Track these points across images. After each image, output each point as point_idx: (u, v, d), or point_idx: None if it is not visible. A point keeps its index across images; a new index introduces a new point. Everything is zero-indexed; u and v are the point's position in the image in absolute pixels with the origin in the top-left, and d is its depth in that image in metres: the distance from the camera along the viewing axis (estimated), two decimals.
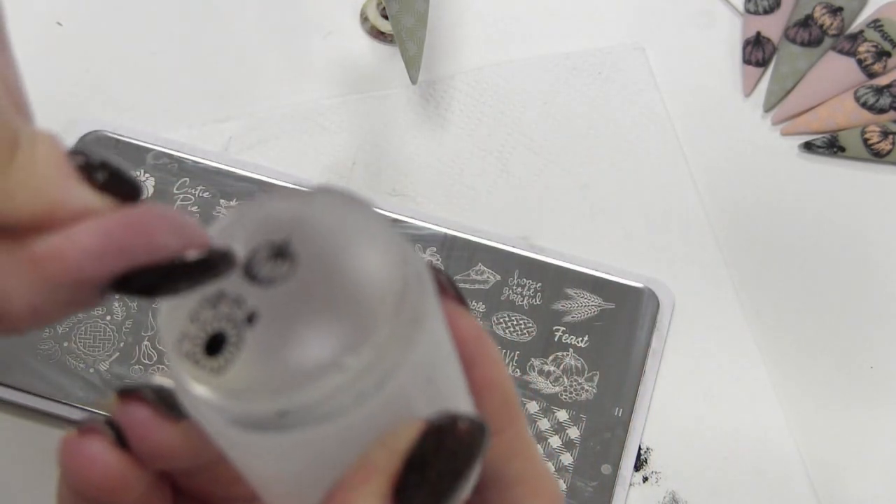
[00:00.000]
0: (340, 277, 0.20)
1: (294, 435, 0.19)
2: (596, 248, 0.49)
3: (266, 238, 0.20)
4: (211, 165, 0.48)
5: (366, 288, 0.19)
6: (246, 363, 0.19)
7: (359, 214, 0.20)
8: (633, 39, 0.54)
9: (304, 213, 0.21)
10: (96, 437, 0.23)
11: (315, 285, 0.20)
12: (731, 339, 0.47)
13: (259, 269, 0.20)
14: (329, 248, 0.20)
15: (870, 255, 0.50)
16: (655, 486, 0.45)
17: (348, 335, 0.19)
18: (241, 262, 0.20)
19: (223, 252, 0.20)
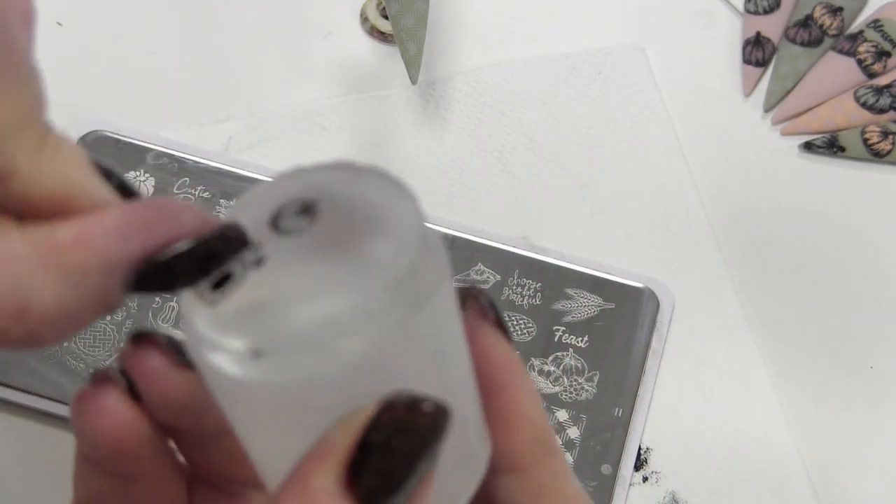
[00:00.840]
0: (353, 238, 0.20)
1: (265, 379, 0.19)
2: (596, 248, 0.49)
3: (299, 196, 0.21)
4: (211, 165, 0.48)
5: (369, 259, 0.20)
6: (239, 299, 0.20)
7: (394, 196, 0.21)
8: (633, 39, 0.54)
9: (348, 182, 0.21)
10: (110, 388, 0.23)
11: (325, 241, 0.20)
12: (731, 339, 0.47)
13: (284, 221, 0.21)
14: (352, 212, 0.20)
15: (870, 255, 0.50)
16: (655, 486, 0.45)
17: (341, 293, 0.19)
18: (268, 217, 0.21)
19: (237, 229, 0.20)
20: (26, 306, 0.19)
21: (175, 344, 0.23)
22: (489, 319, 0.22)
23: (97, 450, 0.23)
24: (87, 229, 0.19)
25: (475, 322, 0.22)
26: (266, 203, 0.21)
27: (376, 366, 0.19)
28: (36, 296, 0.19)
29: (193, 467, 0.26)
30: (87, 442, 0.23)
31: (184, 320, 0.20)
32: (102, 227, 0.19)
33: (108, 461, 0.24)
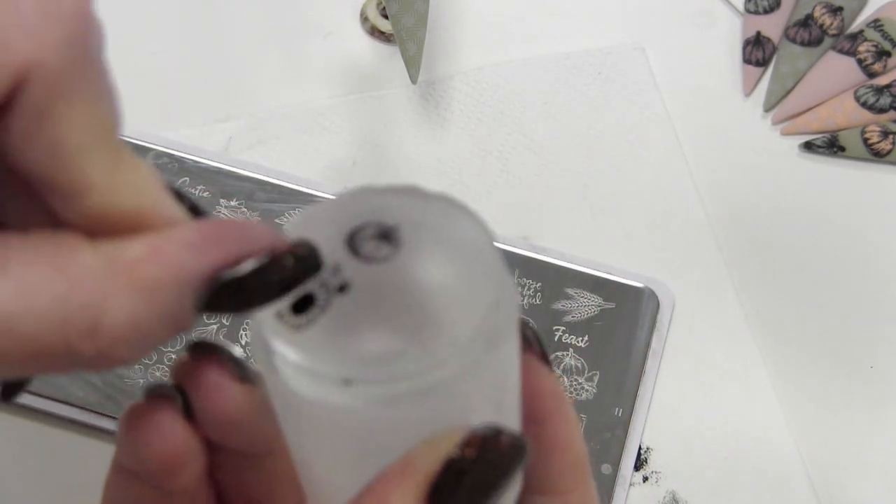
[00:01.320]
0: (438, 275, 0.20)
1: (352, 406, 0.19)
2: (596, 248, 0.49)
3: (377, 219, 0.21)
4: (211, 165, 0.48)
5: (459, 293, 0.20)
6: (326, 327, 0.20)
7: (473, 228, 0.21)
8: (633, 39, 0.54)
9: (421, 208, 0.21)
10: (166, 406, 0.23)
11: (411, 275, 0.20)
12: (731, 339, 0.47)
13: (362, 244, 0.20)
14: (435, 245, 0.21)
15: (870, 254, 0.50)
16: (655, 485, 0.45)
17: (426, 330, 0.19)
18: (345, 235, 0.21)
19: (311, 248, 0.20)
20: (98, 323, 0.18)
21: (235, 358, 0.23)
22: (534, 351, 0.23)
23: (144, 465, 0.23)
24: (159, 244, 0.19)
25: (530, 361, 0.23)
26: (337, 223, 0.21)
27: (457, 397, 0.20)
28: (108, 312, 0.18)
29: (222, 488, 0.26)
30: (135, 457, 0.23)
31: (259, 341, 0.20)
32: (175, 241, 0.19)
33: (153, 476, 0.23)
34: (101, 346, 0.19)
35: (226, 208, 0.48)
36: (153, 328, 0.19)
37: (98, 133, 0.19)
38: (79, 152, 0.18)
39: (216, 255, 0.19)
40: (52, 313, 0.18)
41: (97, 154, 0.19)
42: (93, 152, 0.19)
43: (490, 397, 0.21)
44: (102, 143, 0.19)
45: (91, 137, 0.19)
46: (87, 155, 0.18)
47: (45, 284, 0.18)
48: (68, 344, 0.18)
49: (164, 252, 0.19)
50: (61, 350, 0.18)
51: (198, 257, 0.19)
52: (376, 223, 0.21)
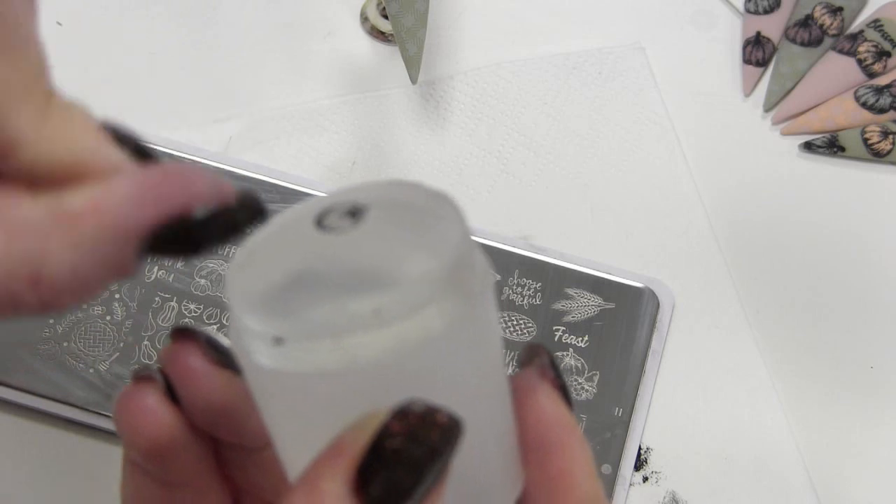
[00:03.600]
0: (392, 240, 0.20)
1: (282, 368, 0.19)
2: (596, 248, 0.49)
3: (349, 200, 0.21)
4: (211, 165, 0.48)
5: (408, 262, 0.20)
6: (275, 289, 0.20)
7: (443, 206, 0.21)
8: (633, 39, 0.54)
9: (395, 192, 0.21)
10: (149, 387, 0.23)
11: (366, 241, 0.20)
12: (731, 338, 0.47)
13: (328, 220, 0.21)
14: (397, 216, 0.21)
15: (870, 254, 0.50)
16: (655, 486, 0.45)
17: (367, 288, 0.19)
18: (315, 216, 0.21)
19: (254, 197, 0.20)
20: (39, 273, 0.18)
21: (215, 343, 0.23)
22: (549, 378, 0.22)
23: (136, 450, 0.23)
24: (98, 197, 0.19)
25: (534, 379, 0.22)
26: (317, 207, 0.21)
27: (395, 369, 0.19)
28: (49, 262, 0.18)
29: (238, 485, 0.26)
30: (127, 441, 0.23)
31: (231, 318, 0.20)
32: (114, 194, 0.19)
33: (148, 463, 0.23)
34: (43, 296, 0.19)
35: None
36: (95, 277, 0.19)
37: (18, 86, 0.18)
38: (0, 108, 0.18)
39: (156, 208, 0.19)
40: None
41: (20, 107, 0.18)
42: (14, 106, 0.18)
43: (442, 382, 0.20)
44: (25, 95, 0.18)
45: (10, 90, 0.18)
46: (8, 109, 0.18)
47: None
48: (11, 294, 0.18)
49: (104, 206, 0.19)
50: (5, 299, 0.18)
51: (139, 210, 0.19)
52: (349, 202, 0.21)
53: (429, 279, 0.19)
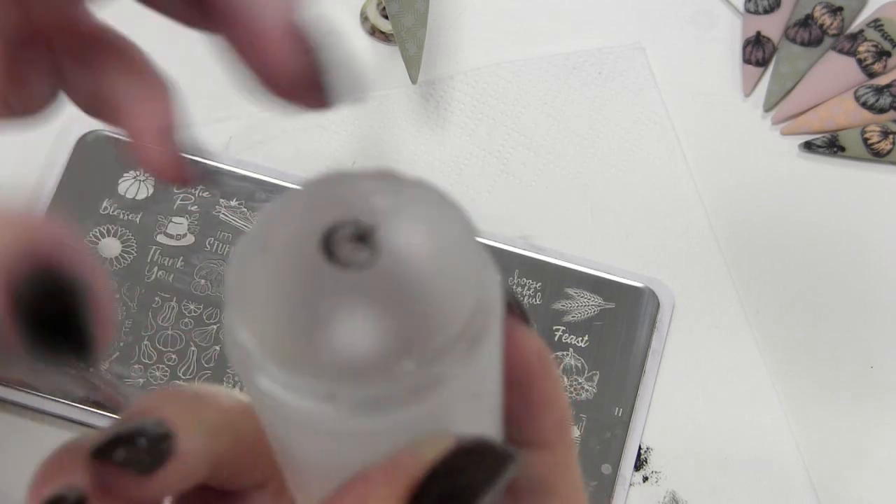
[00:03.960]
0: (418, 283, 0.19)
1: (336, 415, 0.19)
2: (596, 248, 0.49)
3: (353, 217, 0.20)
4: (211, 165, 0.48)
5: (439, 302, 0.19)
6: (305, 336, 0.19)
7: (452, 221, 0.20)
8: (633, 39, 0.54)
9: (397, 202, 0.20)
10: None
11: (390, 282, 0.19)
12: (731, 339, 0.47)
13: (339, 248, 0.19)
14: (414, 248, 0.20)
15: (870, 254, 0.50)
16: (655, 485, 0.45)
17: (407, 341, 0.19)
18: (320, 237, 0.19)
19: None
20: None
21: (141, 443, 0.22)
22: (515, 314, 0.23)
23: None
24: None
25: (513, 323, 0.23)
26: (310, 219, 0.20)
27: (434, 411, 0.19)
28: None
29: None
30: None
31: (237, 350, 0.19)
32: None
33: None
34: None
35: (226, 208, 0.48)
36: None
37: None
38: None
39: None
40: None
41: None
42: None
43: (474, 397, 0.20)
44: None
45: None
46: None
47: None
48: None
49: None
50: None
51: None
52: (353, 223, 0.19)
53: (459, 333, 0.19)
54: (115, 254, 0.47)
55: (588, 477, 0.44)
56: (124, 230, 0.47)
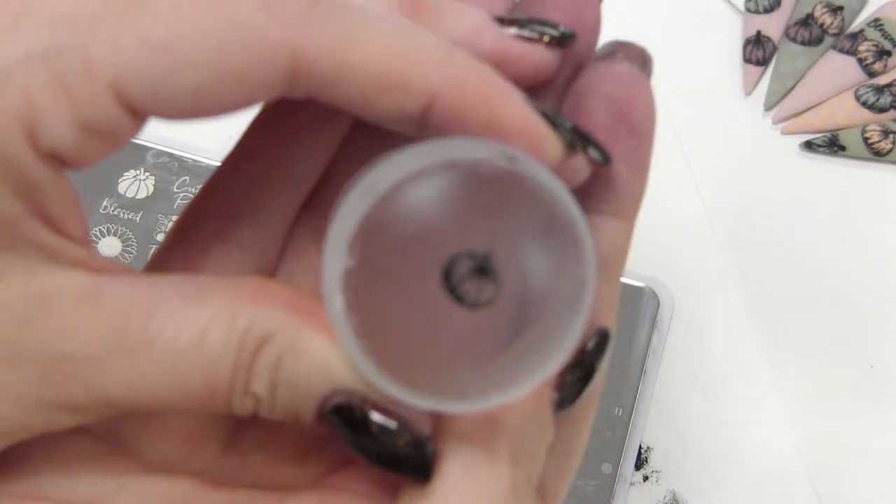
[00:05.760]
0: (538, 317, 0.19)
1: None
2: None
3: (464, 247, 0.19)
4: (211, 164, 0.48)
5: (557, 331, 0.20)
6: (418, 359, 0.19)
7: (561, 227, 0.19)
8: (633, 39, 0.54)
9: (503, 216, 0.19)
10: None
11: (512, 319, 0.19)
12: (731, 338, 0.47)
13: (462, 286, 0.19)
14: (531, 275, 0.19)
15: (870, 254, 0.50)
16: (656, 485, 0.45)
17: (534, 370, 0.19)
18: (440, 271, 0.19)
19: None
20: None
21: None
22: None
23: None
24: None
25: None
26: (438, 250, 0.19)
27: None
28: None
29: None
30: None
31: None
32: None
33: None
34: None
35: None
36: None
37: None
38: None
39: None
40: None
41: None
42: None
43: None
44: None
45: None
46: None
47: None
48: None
49: None
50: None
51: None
52: (466, 254, 0.19)
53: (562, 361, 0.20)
54: (115, 253, 0.47)
55: (588, 476, 0.44)
56: (124, 229, 0.47)
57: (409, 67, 0.19)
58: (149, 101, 0.18)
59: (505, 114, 0.19)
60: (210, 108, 0.18)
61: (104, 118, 0.18)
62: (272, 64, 0.18)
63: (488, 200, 0.19)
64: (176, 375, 0.18)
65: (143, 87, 0.18)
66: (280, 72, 0.18)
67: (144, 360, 0.18)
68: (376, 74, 0.18)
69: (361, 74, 0.18)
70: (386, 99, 0.19)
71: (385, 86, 0.19)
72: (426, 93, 0.19)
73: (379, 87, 0.19)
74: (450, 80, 0.19)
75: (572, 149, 0.21)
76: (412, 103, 0.19)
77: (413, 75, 0.19)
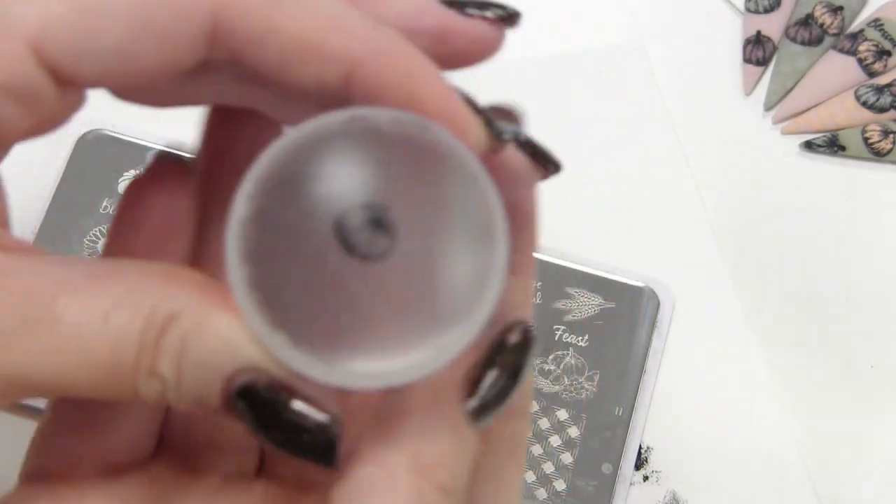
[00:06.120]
0: (435, 275, 0.19)
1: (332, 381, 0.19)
2: (596, 248, 0.49)
3: (360, 197, 0.19)
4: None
5: (464, 305, 0.19)
6: (314, 320, 0.19)
7: (463, 182, 0.19)
8: (633, 39, 0.54)
9: (401, 170, 0.19)
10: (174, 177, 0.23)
11: (408, 276, 0.19)
12: (731, 338, 0.47)
13: (356, 238, 0.19)
14: (429, 233, 0.19)
15: (870, 254, 0.50)
16: (656, 485, 0.45)
17: (442, 344, 0.19)
18: (332, 222, 0.19)
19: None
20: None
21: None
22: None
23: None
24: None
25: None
26: (328, 204, 0.19)
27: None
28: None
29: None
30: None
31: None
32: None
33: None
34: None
35: None
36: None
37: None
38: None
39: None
40: None
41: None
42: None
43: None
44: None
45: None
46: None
47: None
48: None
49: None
50: None
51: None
52: (361, 205, 0.19)
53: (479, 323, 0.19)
54: None
55: (589, 476, 0.44)
56: None
57: (332, 34, 0.19)
58: (71, 62, 0.18)
59: (426, 90, 0.19)
60: (134, 71, 0.18)
61: (24, 79, 0.17)
62: (194, 20, 0.18)
63: (396, 164, 0.19)
64: (81, 354, 0.18)
65: (65, 45, 0.17)
66: (203, 29, 0.18)
67: (48, 338, 0.18)
68: (299, 39, 0.19)
69: (283, 38, 0.19)
70: (307, 65, 0.19)
71: (307, 51, 0.19)
72: (347, 61, 0.19)
73: (301, 51, 0.19)
74: (372, 51, 0.19)
75: (499, 139, 0.21)
76: (333, 71, 0.19)
77: (335, 42, 0.19)
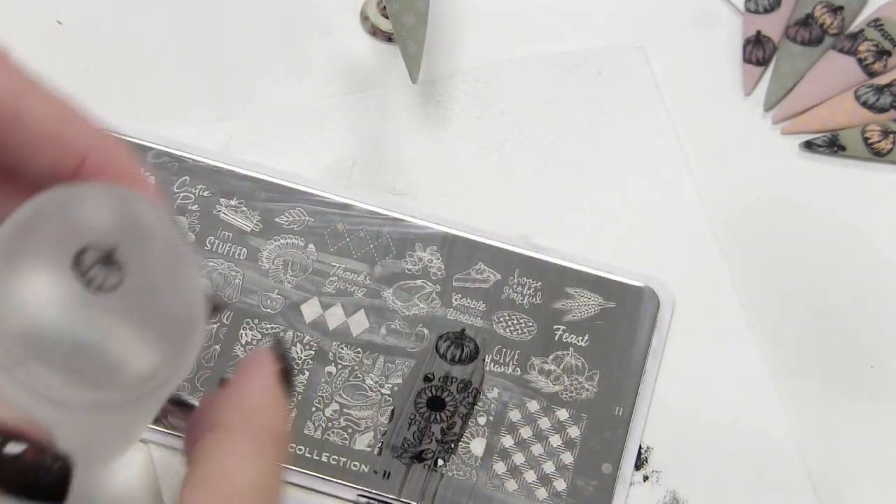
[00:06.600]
0: (162, 303, 0.22)
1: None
2: (596, 247, 0.49)
3: (93, 239, 0.22)
4: (211, 164, 0.48)
5: (181, 317, 0.22)
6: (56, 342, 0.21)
7: (165, 227, 0.23)
8: (633, 39, 0.54)
9: (124, 218, 0.23)
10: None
11: (139, 304, 0.22)
12: (731, 338, 0.47)
13: (92, 273, 0.21)
14: (153, 267, 0.22)
15: (870, 254, 0.50)
16: (656, 485, 0.45)
17: (155, 357, 0.22)
18: (70, 261, 0.21)
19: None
20: None
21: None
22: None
23: None
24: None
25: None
26: (51, 237, 0.22)
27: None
28: None
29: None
30: None
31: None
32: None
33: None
34: None
35: (226, 207, 0.48)
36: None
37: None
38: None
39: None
40: None
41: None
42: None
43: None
44: None
45: None
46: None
47: None
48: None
49: None
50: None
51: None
52: (95, 245, 0.22)
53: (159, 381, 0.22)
54: None
55: (588, 476, 0.44)
56: None
57: (74, 124, 0.23)
58: None
59: (134, 172, 0.25)
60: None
61: None
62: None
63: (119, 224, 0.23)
64: None
65: None
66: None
67: None
68: (49, 124, 0.22)
69: (35, 124, 0.22)
70: (51, 149, 0.23)
71: (55, 136, 0.22)
72: (84, 148, 0.23)
73: (50, 136, 0.22)
74: (99, 141, 0.23)
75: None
76: (70, 157, 0.23)
77: (76, 131, 0.23)
